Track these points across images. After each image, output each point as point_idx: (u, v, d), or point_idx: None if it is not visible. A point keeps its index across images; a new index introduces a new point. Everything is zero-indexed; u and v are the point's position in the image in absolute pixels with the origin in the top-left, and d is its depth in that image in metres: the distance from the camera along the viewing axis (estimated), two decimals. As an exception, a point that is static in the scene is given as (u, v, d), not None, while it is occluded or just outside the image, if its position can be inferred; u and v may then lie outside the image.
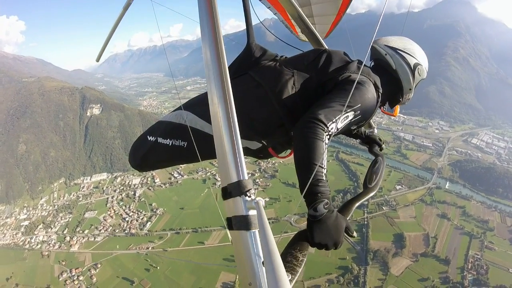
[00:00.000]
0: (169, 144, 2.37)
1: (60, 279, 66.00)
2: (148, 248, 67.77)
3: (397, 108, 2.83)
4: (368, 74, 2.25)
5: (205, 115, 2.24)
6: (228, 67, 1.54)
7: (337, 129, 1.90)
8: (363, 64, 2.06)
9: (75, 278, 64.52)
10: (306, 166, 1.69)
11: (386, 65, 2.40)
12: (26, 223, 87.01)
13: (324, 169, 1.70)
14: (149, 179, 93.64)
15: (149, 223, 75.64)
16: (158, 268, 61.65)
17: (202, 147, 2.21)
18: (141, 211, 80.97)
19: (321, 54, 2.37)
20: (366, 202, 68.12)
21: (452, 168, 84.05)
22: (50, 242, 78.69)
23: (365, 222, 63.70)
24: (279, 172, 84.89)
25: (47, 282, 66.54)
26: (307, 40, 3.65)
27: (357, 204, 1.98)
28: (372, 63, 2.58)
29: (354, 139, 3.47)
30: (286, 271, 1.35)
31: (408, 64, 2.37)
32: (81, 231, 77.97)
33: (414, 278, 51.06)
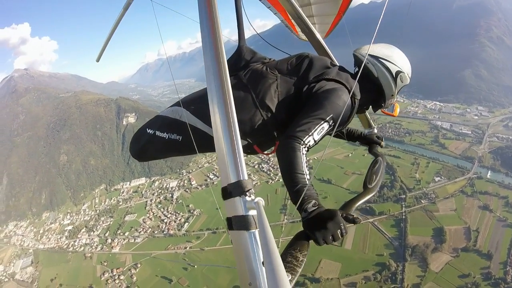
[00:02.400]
0: (165, 137, 2.50)
1: (102, 279, 70.37)
2: (186, 248, 70.04)
3: (397, 108, 2.89)
4: (346, 80, 2.33)
5: (197, 112, 2.41)
6: None
7: (315, 140, 2.03)
8: (362, 70, 2.16)
9: (116, 278, 68.56)
10: (290, 176, 1.80)
11: (369, 73, 2.45)
12: (70, 227, 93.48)
13: (307, 175, 1.80)
14: (186, 181, 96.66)
15: (186, 223, 78.23)
16: (196, 267, 63.32)
17: (196, 141, 2.34)
18: (178, 212, 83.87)
19: (303, 60, 2.46)
20: (404, 196, 66.06)
21: (494, 156, 78.54)
22: (92, 244, 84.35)
23: (403, 217, 61.41)
24: (314, 169, 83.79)
25: (90, 282, 71.18)
26: (307, 39, 3.68)
27: (357, 205, 2.01)
28: (356, 69, 2.61)
29: (354, 139, 3.52)
30: (286, 271, 1.38)
31: (390, 72, 2.43)
32: (121, 233, 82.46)
33: (454, 275, 48.57)
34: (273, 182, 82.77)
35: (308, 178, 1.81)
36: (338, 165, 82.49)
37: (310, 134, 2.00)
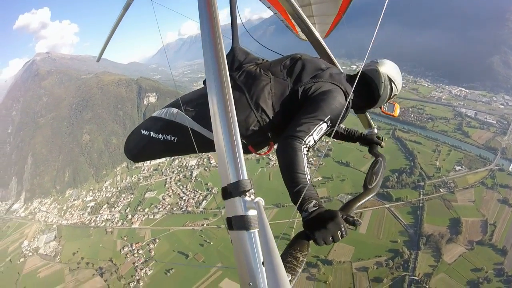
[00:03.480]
0: (160, 138, 2.52)
1: (121, 253, 73.82)
2: (203, 225, 71.77)
3: (397, 108, 3.04)
4: (340, 82, 2.41)
5: (192, 113, 2.44)
6: None
7: (315, 140, 2.09)
8: (362, 73, 2.38)
9: (135, 252, 71.92)
10: (290, 176, 1.83)
11: (375, 88, 2.60)
12: (92, 204, 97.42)
13: (307, 175, 1.83)
14: (205, 160, 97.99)
15: (204, 201, 79.81)
16: (212, 243, 65.04)
17: (191, 142, 2.37)
18: (197, 190, 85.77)
19: (296, 62, 2.50)
20: (423, 183, 64.76)
21: (518, 148, 74.97)
22: (113, 220, 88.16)
23: (420, 204, 60.40)
24: (333, 151, 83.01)
25: (110, 255, 74.54)
26: (307, 39, 3.68)
27: (357, 205, 2.03)
28: (359, 76, 2.57)
29: (354, 140, 3.56)
30: (286, 271, 1.37)
31: (391, 93, 2.64)
32: (141, 210, 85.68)
33: (467, 267, 47.71)
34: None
35: (309, 178, 1.83)
36: (357, 148, 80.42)
37: (310, 134, 2.04)
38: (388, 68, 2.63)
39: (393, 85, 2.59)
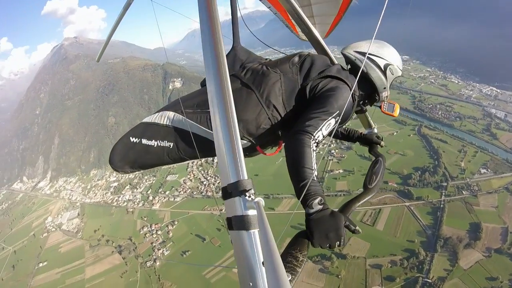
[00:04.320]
0: (154, 145, 2.39)
1: (141, 232, 76.39)
2: (221, 210, 70.87)
3: (397, 108, 2.99)
4: (346, 77, 2.40)
5: (192, 116, 2.35)
6: None
7: (323, 136, 2.08)
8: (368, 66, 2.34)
9: (154, 232, 74.36)
10: (297, 170, 1.85)
11: (358, 69, 2.40)
12: (115, 184, 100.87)
13: (315, 170, 1.84)
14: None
15: None
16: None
17: (191, 147, 2.32)
18: (218, 175, 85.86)
19: (305, 58, 2.49)
20: (446, 184, 62.63)
21: (547, 156, 70.73)
22: (135, 200, 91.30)
23: (441, 206, 58.48)
24: (356, 144, 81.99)
25: (130, 234, 77.38)
26: (307, 39, 3.65)
27: (357, 205, 2.02)
28: (349, 66, 2.67)
29: (354, 140, 3.57)
30: (286, 271, 1.37)
31: (378, 66, 2.51)
32: (162, 192, 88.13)
33: (482, 275, 45.72)
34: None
35: (316, 174, 1.83)
36: None
37: (319, 129, 2.03)
38: (354, 46, 2.61)
39: (375, 58, 2.51)
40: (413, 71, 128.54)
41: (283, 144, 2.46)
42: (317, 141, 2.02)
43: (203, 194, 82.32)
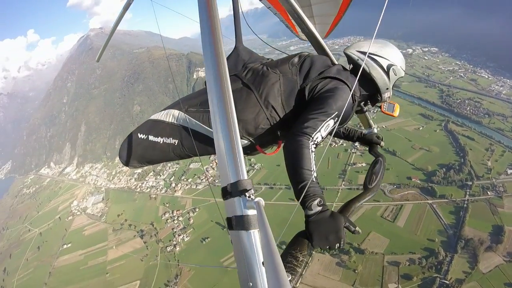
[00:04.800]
0: (160, 141, 2.46)
1: (162, 218, 78.62)
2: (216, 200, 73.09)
3: (397, 108, 2.91)
4: (346, 78, 2.37)
5: (195, 114, 2.40)
6: None
7: (322, 137, 2.07)
8: (367, 68, 2.30)
9: (175, 218, 76.41)
10: (296, 172, 1.84)
11: (362, 70, 2.38)
12: (139, 171, 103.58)
13: (314, 172, 1.83)
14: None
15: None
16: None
17: (194, 144, 2.37)
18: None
19: (305, 59, 2.49)
20: (471, 183, 60.37)
21: None
22: (158, 187, 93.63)
23: (464, 205, 56.34)
24: (380, 137, 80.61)
25: (152, 219, 79.71)
26: (307, 39, 3.65)
27: (357, 205, 2.03)
28: (351, 66, 2.63)
29: (354, 140, 3.47)
30: (286, 271, 1.36)
31: (381, 67, 2.47)
32: (185, 179, 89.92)
33: (501, 280, 43.80)
34: (336, 145, 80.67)
35: (315, 175, 1.83)
36: (406, 137, 78.27)
37: (318, 130, 2.03)
38: (356, 46, 2.57)
39: (376, 57, 2.47)
40: (442, 64, 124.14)
41: (282, 144, 2.40)
42: (315, 142, 2.02)
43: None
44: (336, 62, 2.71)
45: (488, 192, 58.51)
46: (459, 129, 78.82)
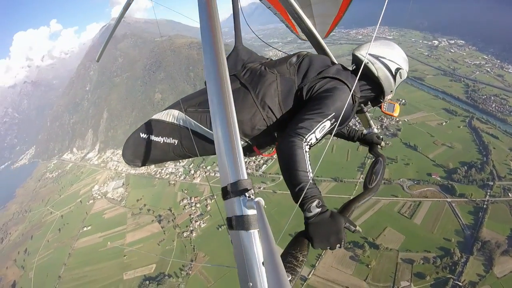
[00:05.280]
0: (161, 141, 2.47)
1: (180, 204, 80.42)
2: (260, 188, 73.64)
3: (397, 108, 2.86)
4: (346, 78, 2.32)
5: (194, 115, 2.40)
6: None
7: (317, 138, 2.04)
8: (363, 70, 2.13)
9: (193, 205, 77.96)
10: (291, 174, 1.83)
11: (368, 71, 2.42)
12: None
13: (310, 172, 1.83)
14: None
15: (264, 165, 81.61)
16: (265, 207, 65.65)
17: (194, 144, 2.38)
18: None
19: (303, 59, 2.45)
20: (492, 183, 58.50)
21: None
22: (177, 173, 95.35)
23: (484, 206, 54.68)
24: (401, 131, 79.03)
25: (170, 205, 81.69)
26: (307, 39, 3.64)
27: (357, 205, 2.05)
28: (354, 66, 2.60)
29: (354, 140, 3.44)
30: (286, 271, 1.38)
31: (389, 70, 2.44)
32: (204, 167, 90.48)
33: None
34: None
35: (311, 176, 1.81)
36: (429, 131, 76.63)
37: (312, 131, 1.99)
38: (365, 47, 2.52)
39: (384, 60, 2.44)
40: (468, 58, 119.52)
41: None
42: (309, 144, 1.99)
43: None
44: (336, 62, 2.67)
45: (510, 194, 56.44)
46: (483, 126, 76.05)
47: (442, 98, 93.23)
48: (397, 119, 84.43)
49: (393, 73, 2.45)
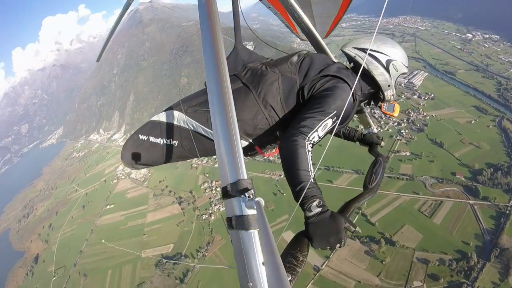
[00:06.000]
0: (160, 143, 2.45)
1: (201, 187, 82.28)
2: (280, 175, 73.05)
3: (398, 108, 2.82)
4: (347, 76, 2.30)
5: (194, 115, 2.38)
6: None
7: (319, 137, 2.04)
8: (362, 68, 2.15)
9: (213, 188, 79.45)
10: (293, 173, 1.80)
11: (360, 66, 2.31)
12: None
13: (311, 172, 1.82)
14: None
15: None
16: (285, 195, 67.01)
17: (194, 145, 2.38)
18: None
19: (304, 58, 2.45)
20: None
21: None
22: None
23: (507, 212, 52.35)
24: (428, 127, 76.97)
25: (191, 188, 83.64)
26: (307, 39, 3.66)
27: (356, 205, 2.03)
28: (351, 65, 2.60)
29: (354, 140, 3.43)
30: (286, 271, 1.39)
31: (380, 62, 2.40)
32: None
33: None
34: (381, 130, 78.71)
35: (313, 176, 1.81)
36: (456, 129, 73.93)
37: (314, 130, 1.98)
38: (354, 43, 2.53)
39: (377, 54, 2.41)
40: (503, 54, 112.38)
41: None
42: (312, 142, 1.98)
43: (264, 158, 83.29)
44: (336, 61, 2.65)
45: (536, 201, 53.54)
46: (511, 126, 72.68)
47: (473, 95, 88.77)
48: (425, 113, 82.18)
49: (385, 65, 2.41)
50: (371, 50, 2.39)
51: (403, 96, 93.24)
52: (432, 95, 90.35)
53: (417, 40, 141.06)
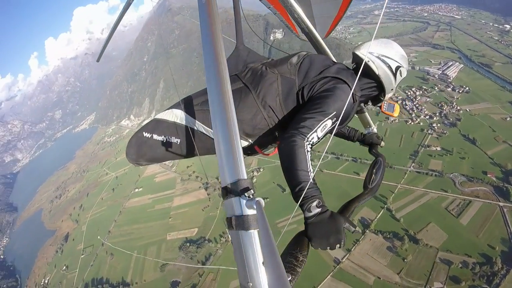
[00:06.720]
0: (163, 140, 2.44)
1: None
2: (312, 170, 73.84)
3: (397, 108, 2.85)
4: (347, 77, 2.32)
5: (197, 114, 2.39)
6: None
7: (318, 137, 2.05)
8: (362, 70, 2.11)
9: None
10: (292, 173, 1.80)
11: (369, 70, 2.43)
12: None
13: (311, 172, 1.80)
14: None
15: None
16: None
17: (196, 144, 2.39)
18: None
19: (304, 58, 2.45)
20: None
21: None
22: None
23: None
24: (461, 122, 73.98)
25: (217, 174, 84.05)
26: (307, 39, 3.70)
27: (356, 206, 2.05)
28: (354, 65, 2.62)
29: (354, 140, 3.45)
30: (286, 271, 1.39)
31: (390, 68, 2.43)
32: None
33: None
34: (412, 123, 77.01)
35: (312, 176, 1.80)
36: (491, 125, 70.07)
37: (314, 130, 1.98)
38: (366, 46, 2.53)
39: (385, 59, 2.44)
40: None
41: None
42: (311, 143, 1.99)
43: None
44: (336, 61, 2.66)
45: None
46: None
47: (510, 90, 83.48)
48: (458, 107, 78.92)
49: (394, 71, 2.44)
50: (383, 55, 2.44)
51: (436, 88, 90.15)
52: (467, 88, 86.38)
53: (453, 30, 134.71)
